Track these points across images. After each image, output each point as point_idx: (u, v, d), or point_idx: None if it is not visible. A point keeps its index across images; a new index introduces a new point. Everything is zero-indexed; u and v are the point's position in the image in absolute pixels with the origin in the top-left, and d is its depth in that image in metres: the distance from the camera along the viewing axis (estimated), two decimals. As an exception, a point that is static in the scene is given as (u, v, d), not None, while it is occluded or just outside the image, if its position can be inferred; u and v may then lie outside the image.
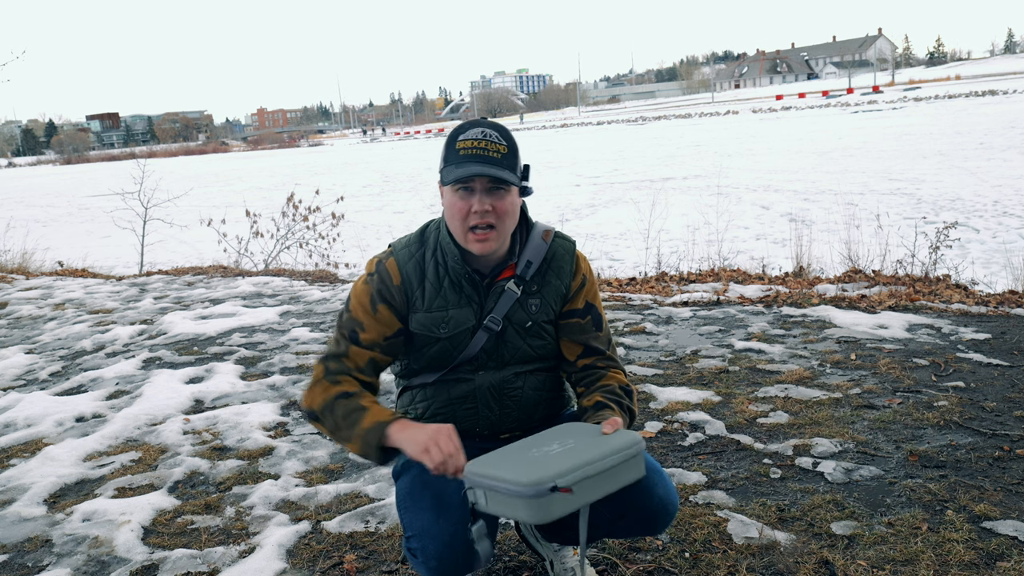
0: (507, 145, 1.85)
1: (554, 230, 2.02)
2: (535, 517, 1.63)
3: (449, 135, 1.88)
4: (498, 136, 1.84)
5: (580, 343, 2.03)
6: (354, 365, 1.96)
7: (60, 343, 5.77)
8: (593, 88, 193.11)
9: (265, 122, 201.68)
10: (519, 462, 1.68)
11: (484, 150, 1.82)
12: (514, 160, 1.86)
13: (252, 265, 9.56)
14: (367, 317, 1.95)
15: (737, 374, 4.02)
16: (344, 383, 1.93)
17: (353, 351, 1.96)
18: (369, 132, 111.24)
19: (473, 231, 1.85)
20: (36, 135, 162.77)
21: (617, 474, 1.70)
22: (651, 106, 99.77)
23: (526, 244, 1.97)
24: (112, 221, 12.45)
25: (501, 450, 1.77)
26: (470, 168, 1.81)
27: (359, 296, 1.98)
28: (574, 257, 2.02)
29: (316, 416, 1.93)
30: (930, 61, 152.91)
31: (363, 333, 1.95)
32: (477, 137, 1.83)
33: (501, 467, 1.68)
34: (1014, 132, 21.20)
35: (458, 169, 1.82)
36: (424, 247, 1.98)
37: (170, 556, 2.62)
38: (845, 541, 2.41)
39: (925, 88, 61.64)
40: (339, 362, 1.96)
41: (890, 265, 6.22)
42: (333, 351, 1.98)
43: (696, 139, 31.73)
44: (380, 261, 2.00)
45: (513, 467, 1.66)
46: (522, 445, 1.77)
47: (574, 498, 1.63)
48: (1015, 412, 3.26)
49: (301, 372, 4.63)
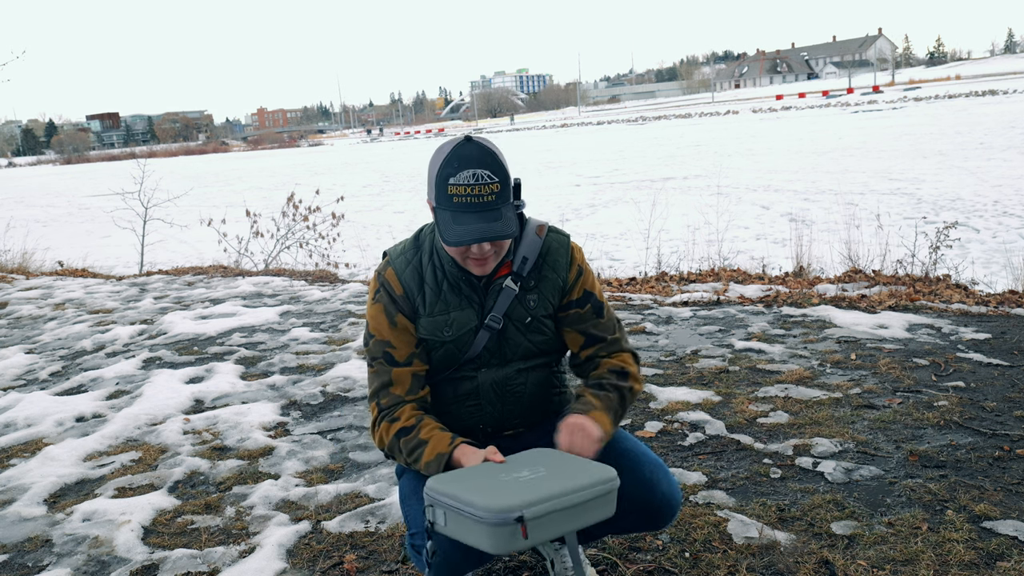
0: (499, 181, 1.77)
1: (548, 224, 2.02)
2: (494, 547, 1.55)
3: (439, 169, 1.78)
4: (489, 175, 1.75)
5: (581, 332, 2.02)
6: (403, 390, 1.95)
7: (60, 343, 5.78)
8: (593, 88, 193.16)
9: (265, 122, 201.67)
10: (486, 486, 1.62)
11: (478, 197, 1.75)
12: (507, 192, 1.81)
13: (252, 265, 9.56)
14: (392, 334, 1.95)
15: (737, 374, 4.02)
16: (401, 417, 1.93)
17: (396, 374, 1.95)
18: (372, 132, 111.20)
19: (472, 259, 1.86)
20: (36, 135, 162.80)
21: (586, 511, 1.62)
22: (651, 106, 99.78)
23: (521, 241, 1.97)
24: (112, 221, 12.44)
25: (467, 469, 1.73)
26: (470, 229, 1.75)
27: (375, 318, 1.97)
28: (569, 250, 2.01)
29: (389, 455, 1.98)
30: (930, 61, 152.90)
31: (396, 351, 1.95)
32: (469, 183, 1.74)
33: (467, 488, 1.62)
34: (1014, 132, 21.20)
35: (457, 227, 1.76)
36: (420, 252, 1.97)
37: (170, 556, 2.62)
38: (845, 541, 2.41)
39: (925, 88, 61.66)
40: (388, 394, 1.96)
41: (890, 265, 6.22)
42: (378, 384, 1.97)
43: (696, 139, 31.73)
44: (379, 274, 1.99)
45: (479, 490, 1.60)
46: (489, 468, 1.72)
47: (535, 536, 1.56)
48: (1015, 412, 3.26)
49: (301, 372, 4.63)
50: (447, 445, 1.84)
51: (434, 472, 1.81)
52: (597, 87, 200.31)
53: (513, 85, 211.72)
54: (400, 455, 1.92)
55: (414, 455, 1.87)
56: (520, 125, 77.37)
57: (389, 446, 1.94)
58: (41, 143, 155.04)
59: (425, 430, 1.89)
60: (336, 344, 5.20)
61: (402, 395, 1.95)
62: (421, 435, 1.89)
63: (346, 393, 4.23)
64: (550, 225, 2.02)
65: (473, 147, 1.77)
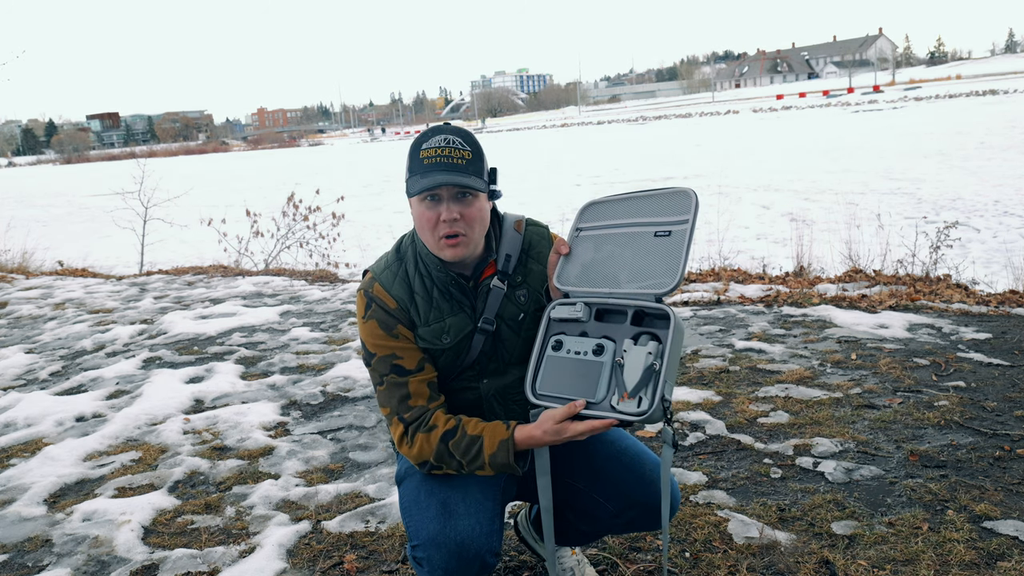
0: (471, 151, 1.80)
1: (525, 218, 2.01)
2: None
3: (412, 144, 1.83)
4: (461, 142, 1.79)
5: None
6: (424, 399, 1.86)
7: (60, 343, 5.77)
8: (593, 88, 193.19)
9: (265, 122, 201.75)
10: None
11: (448, 157, 1.78)
12: (480, 165, 1.82)
13: (252, 265, 9.56)
14: (395, 344, 1.88)
15: (737, 374, 4.01)
16: (439, 424, 1.83)
17: (413, 385, 1.86)
18: (372, 131, 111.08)
19: (444, 238, 1.82)
20: (36, 135, 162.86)
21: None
22: (651, 106, 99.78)
23: (501, 239, 1.95)
24: (112, 221, 12.44)
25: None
26: (435, 178, 1.76)
27: (372, 334, 1.88)
28: (550, 240, 2.00)
29: (435, 467, 1.85)
30: (931, 61, 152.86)
31: (403, 361, 1.87)
32: (440, 145, 1.78)
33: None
34: (1015, 132, 21.19)
35: (423, 179, 1.77)
36: (404, 263, 1.93)
37: (170, 556, 2.62)
38: (846, 541, 2.40)
39: (926, 88, 61.71)
40: (409, 407, 1.86)
41: (891, 265, 6.22)
42: (396, 399, 1.86)
43: (696, 139, 31.72)
44: (366, 291, 1.91)
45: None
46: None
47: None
48: (1016, 412, 3.25)
49: (301, 372, 4.63)
50: (505, 430, 1.78)
51: (503, 461, 1.76)
52: (597, 87, 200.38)
53: (513, 85, 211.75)
54: (452, 460, 1.81)
55: (471, 452, 1.78)
56: (520, 125, 77.25)
57: (437, 454, 1.81)
58: (41, 143, 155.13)
59: (471, 426, 1.82)
60: (336, 344, 5.20)
61: (426, 404, 1.86)
62: (470, 432, 1.80)
63: (346, 393, 4.22)
64: (528, 219, 2.02)
65: (448, 126, 1.84)
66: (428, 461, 1.83)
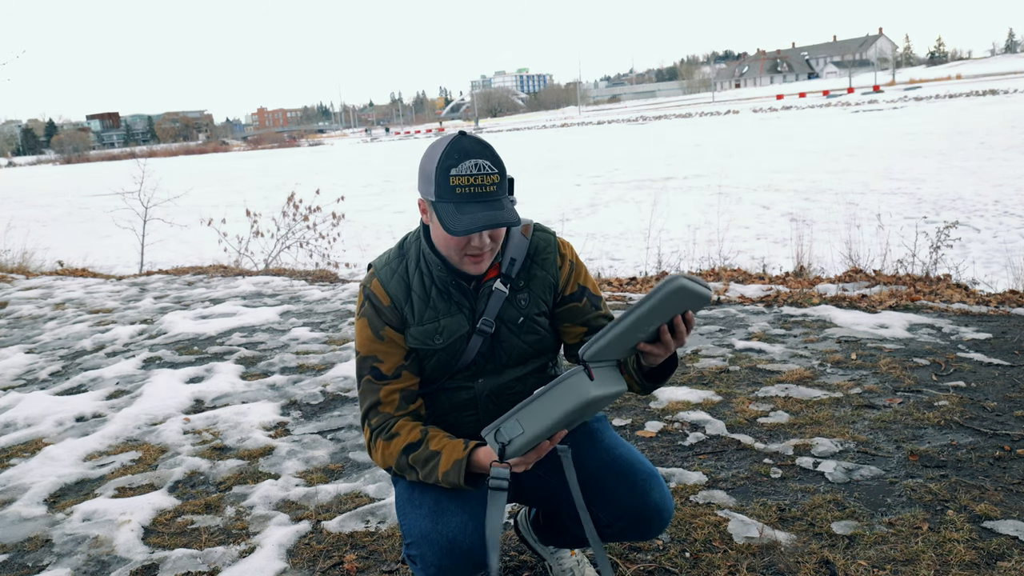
0: (498, 171, 1.76)
1: (532, 223, 1.99)
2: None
3: (438, 161, 1.75)
4: (489, 165, 1.74)
5: (583, 323, 1.99)
6: (393, 407, 1.89)
7: (60, 343, 5.77)
8: (593, 88, 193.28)
9: (265, 122, 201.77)
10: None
11: (481, 187, 1.73)
12: (505, 184, 1.80)
13: (252, 265, 9.56)
14: (378, 347, 1.90)
15: (737, 374, 4.01)
16: (401, 432, 1.86)
17: (384, 392, 1.89)
18: (371, 131, 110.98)
19: (469, 255, 1.82)
20: (36, 135, 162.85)
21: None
22: (651, 106, 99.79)
23: (507, 242, 1.94)
24: (112, 221, 12.45)
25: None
26: (477, 217, 1.72)
27: (362, 333, 1.92)
28: (556, 246, 1.98)
29: (397, 474, 1.90)
30: (931, 61, 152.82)
31: (382, 365, 1.90)
32: (472, 173, 1.72)
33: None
34: (1015, 131, 21.18)
35: (462, 216, 1.73)
36: (405, 260, 1.94)
37: (170, 556, 2.62)
38: (846, 541, 2.40)
39: (926, 88, 61.69)
40: (379, 413, 1.89)
41: (891, 265, 6.22)
42: (367, 405, 1.91)
43: (697, 139, 31.72)
44: (365, 286, 1.95)
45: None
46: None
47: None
48: (1016, 412, 3.25)
49: (301, 372, 4.63)
50: (462, 450, 1.79)
51: (453, 481, 1.77)
52: (597, 87, 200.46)
53: (513, 85, 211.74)
54: (411, 471, 1.84)
55: (427, 467, 1.81)
56: (520, 125, 77.26)
57: (397, 465, 1.85)
58: (41, 143, 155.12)
59: (434, 441, 1.84)
60: (336, 344, 5.20)
61: (391, 412, 1.89)
62: (431, 446, 1.82)
63: (346, 393, 4.22)
64: (535, 223, 2.00)
65: (470, 140, 1.77)
66: (391, 469, 1.88)
